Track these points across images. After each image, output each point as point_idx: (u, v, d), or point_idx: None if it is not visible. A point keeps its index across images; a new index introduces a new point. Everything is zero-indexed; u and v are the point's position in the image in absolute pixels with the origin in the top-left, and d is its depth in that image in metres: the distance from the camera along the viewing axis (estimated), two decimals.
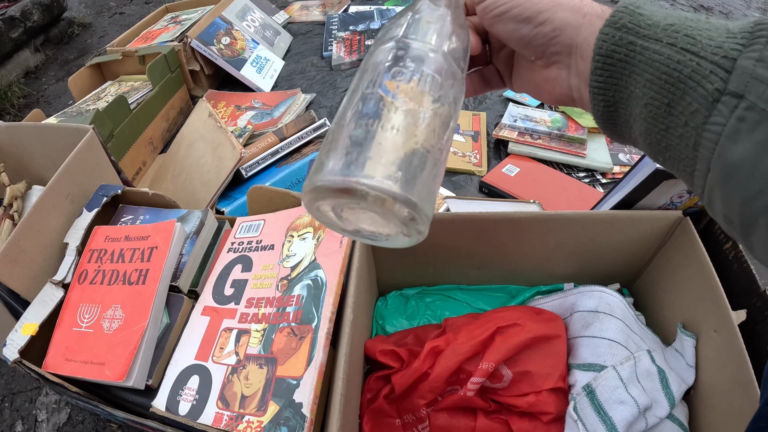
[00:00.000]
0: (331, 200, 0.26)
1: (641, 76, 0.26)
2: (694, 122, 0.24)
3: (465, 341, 0.53)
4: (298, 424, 0.42)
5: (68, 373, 0.55)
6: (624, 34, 0.27)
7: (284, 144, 0.94)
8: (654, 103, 0.26)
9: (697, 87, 0.24)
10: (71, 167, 0.69)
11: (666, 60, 0.25)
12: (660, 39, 0.26)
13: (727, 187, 0.24)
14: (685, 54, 0.25)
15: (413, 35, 0.31)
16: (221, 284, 0.58)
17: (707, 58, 0.24)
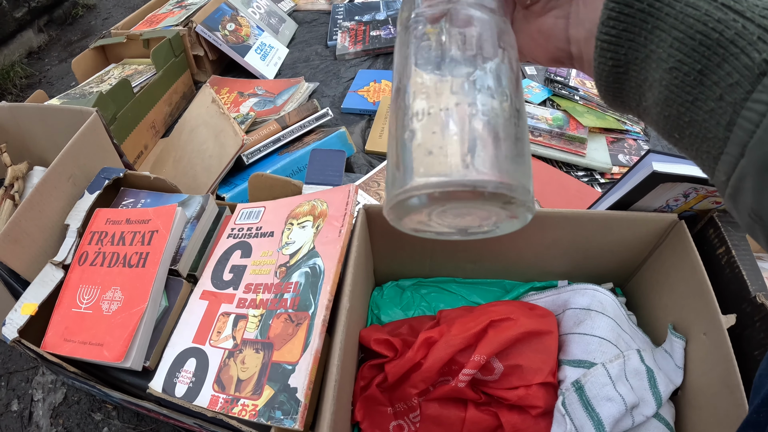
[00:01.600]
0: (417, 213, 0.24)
1: (668, 33, 0.21)
2: (731, 97, 0.20)
3: (458, 333, 0.54)
4: (293, 408, 0.42)
5: (66, 353, 0.56)
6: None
7: (286, 132, 0.95)
8: (682, 69, 0.21)
9: (741, 54, 0.19)
10: (74, 149, 0.70)
11: (703, 17, 0.20)
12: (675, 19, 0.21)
13: (766, 178, 0.19)
14: (728, 12, 0.20)
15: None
16: (220, 269, 0.59)
17: (754, 21, 0.19)
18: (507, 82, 0.25)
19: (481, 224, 0.27)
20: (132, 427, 0.74)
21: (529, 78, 1.28)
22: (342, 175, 0.60)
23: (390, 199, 0.23)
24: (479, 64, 0.25)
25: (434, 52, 0.26)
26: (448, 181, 0.22)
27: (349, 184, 0.56)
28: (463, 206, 0.24)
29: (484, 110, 0.23)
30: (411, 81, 0.25)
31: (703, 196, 0.61)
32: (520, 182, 0.23)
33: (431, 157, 0.22)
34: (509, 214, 0.24)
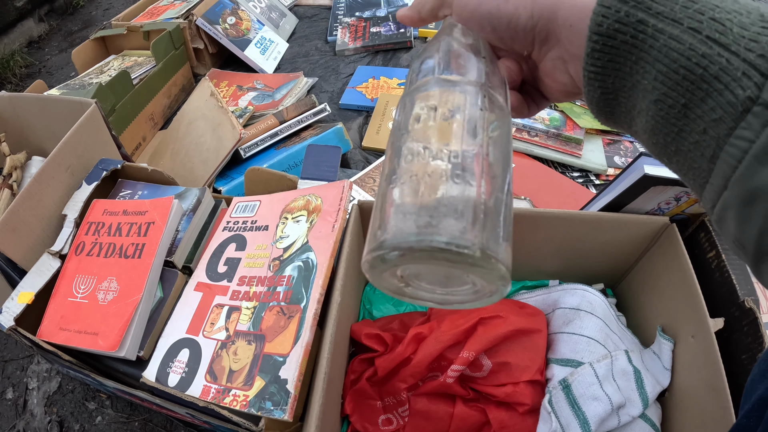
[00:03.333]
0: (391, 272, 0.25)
1: (653, 66, 0.21)
2: (715, 131, 0.20)
3: (448, 329, 0.55)
4: (282, 399, 0.43)
5: (62, 341, 0.57)
6: (631, 8, 0.21)
7: (284, 127, 0.95)
8: (667, 101, 0.21)
9: (725, 90, 0.19)
10: (72, 140, 0.70)
11: (687, 51, 0.20)
12: (680, 21, 0.20)
13: (747, 211, 0.20)
14: (712, 46, 0.20)
15: (447, 71, 0.29)
16: (215, 261, 0.59)
17: (739, 54, 0.19)
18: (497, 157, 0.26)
19: (455, 293, 0.27)
20: (125, 417, 0.75)
21: None
22: (337, 171, 0.61)
23: (365, 254, 0.24)
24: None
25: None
26: (415, 240, 0.22)
27: (344, 180, 0.56)
28: (433, 269, 0.24)
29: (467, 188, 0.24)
30: (403, 145, 0.26)
31: (695, 200, 0.62)
32: (494, 249, 0.22)
33: (407, 216, 0.23)
34: (485, 284, 0.24)
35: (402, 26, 1.44)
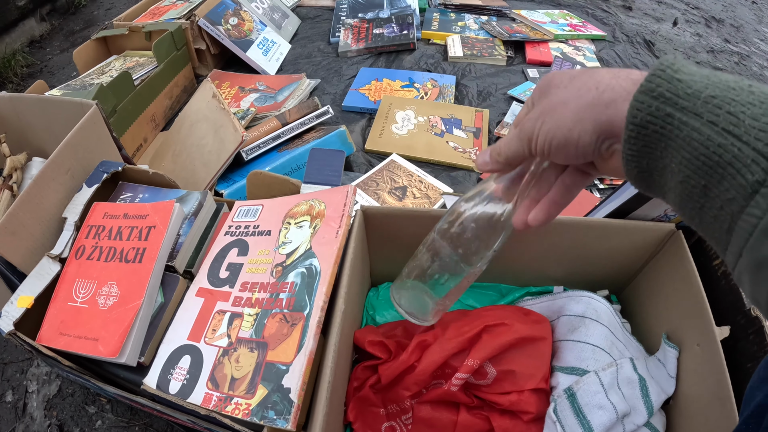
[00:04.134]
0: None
1: (678, 152, 0.25)
2: (729, 209, 0.23)
3: (452, 337, 0.54)
4: (285, 408, 0.43)
5: (62, 347, 0.56)
6: (661, 104, 0.25)
7: (286, 129, 0.95)
8: (690, 182, 0.25)
9: (737, 175, 0.23)
10: (73, 142, 0.69)
11: (706, 141, 0.24)
12: (701, 114, 0.24)
13: (758, 276, 0.23)
14: (727, 137, 0.23)
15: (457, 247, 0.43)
16: (217, 267, 0.59)
17: (750, 144, 0.22)
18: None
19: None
20: (125, 421, 0.74)
21: (530, 81, 1.28)
22: (341, 176, 0.60)
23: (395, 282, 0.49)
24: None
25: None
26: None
27: (348, 185, 0.56)
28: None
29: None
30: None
31: None
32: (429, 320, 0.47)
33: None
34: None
35: (405, 28, 1.43)
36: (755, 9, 2.26)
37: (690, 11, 2.14)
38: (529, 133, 0.33)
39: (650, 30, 1.91)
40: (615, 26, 1.63)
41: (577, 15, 1.64)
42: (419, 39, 1.47)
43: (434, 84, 1.24)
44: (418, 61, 1.37)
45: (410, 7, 1.53)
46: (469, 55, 1.36)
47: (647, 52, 1.52)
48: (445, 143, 1.05)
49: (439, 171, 1.00)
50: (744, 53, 1.86)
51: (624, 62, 1.42)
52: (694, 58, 1.77)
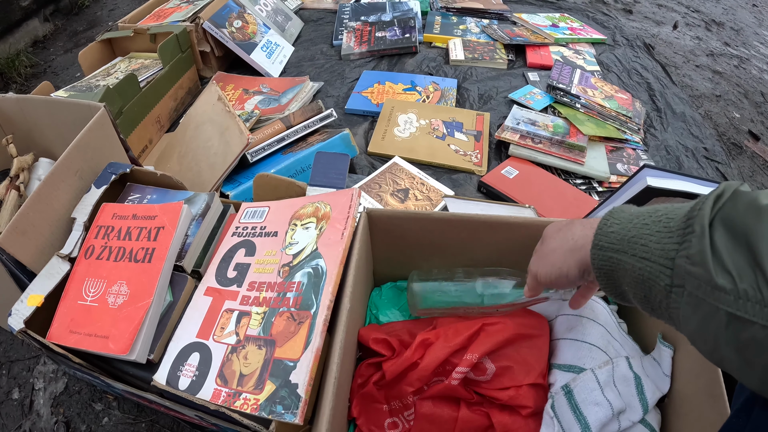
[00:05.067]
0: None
1: (624, 279, 0.37)
2: (663, 305, 0.34)
3: (454, 336, 0.56)
4: (293, 403, 0.44)
5: (72, 344, 0.57)
6: (605, 252, 0.38)
7: (290, 132, 0.96)
8: (638, 295, 0.36)
9: (656, 284, 0.34)
10: (81, 144, 0.71)
11: (633, 268, 0.35)
12: (627, 251, 0.36)
13: (695, 346, 0.33)
14: (644, 262, 0.34)
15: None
16: (224, 267, 0.60)
17: (658, 262, 0.33)
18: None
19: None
20: (132, 418, 0.76)
21: (531, 84, 1.30)
22: (345, 178, 0.62)
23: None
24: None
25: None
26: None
27: (353, 188, 0.57)
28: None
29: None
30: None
31: None
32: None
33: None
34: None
35: (407, 31, 1.45)
36: (756, 12, 2.27)
37: (690, 14, 2.15)
38: (535, 273, 0.50)
39: (650, 33, 1.92)
40: (615, 30, 1.65)
41: (578, 18, 1.66)
42: (421, 42, 1.48)
43: (436, 87, 1.26)
44: (420, 65, 1.38)
45: (412, 11, 1.55)
46: (471, 59, 1.38)
47: (647, 55, 1.53)
48: (446, 146, 1.06)
49: (441, 173, 1.02)
50: (744, 56, 1.88)
51: (624, 65, 1.44)
52: (693, 62, 1.79)
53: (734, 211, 0.31)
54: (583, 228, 0.44)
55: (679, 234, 0.33)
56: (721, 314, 0.29)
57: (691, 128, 1.24)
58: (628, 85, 1.37)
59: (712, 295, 0.30)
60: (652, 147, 1.15)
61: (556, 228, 0.48)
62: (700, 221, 0.31)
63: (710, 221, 0.31)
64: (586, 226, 0.43)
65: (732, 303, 0.29)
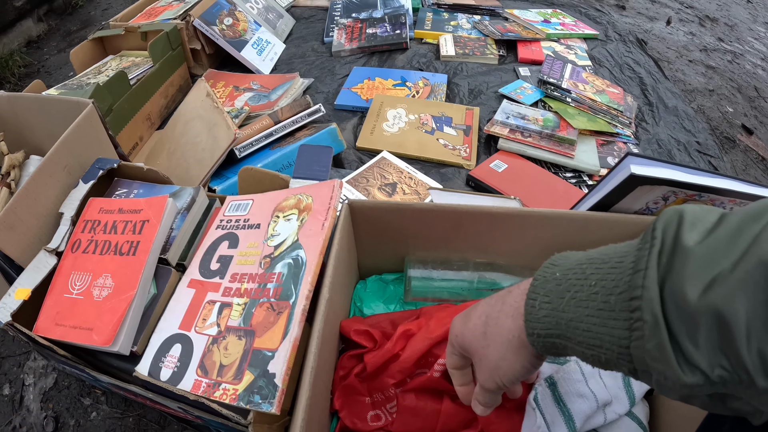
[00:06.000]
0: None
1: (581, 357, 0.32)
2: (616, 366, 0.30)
3: (436, 327, 0.56)
4: (270, 393, 0.44)
5: (58, 337, 0.58)
6: (546, 339, 0.33)
7: (278, 127, 0.96)
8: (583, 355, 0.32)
9: (618, 366, 0.29)
10: (69, 140, 0.71)
11: (585, 354, 0.31)
12: (570, 337, 0.32)
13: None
14: (596, 349, 0.30)
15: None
16: (208, 259, 0.60)
17: (612, 350, 0.29)
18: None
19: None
20: (119, 413, 0.76)
21: (522, 79, 1.30)
22: (328, 171, 0.62)
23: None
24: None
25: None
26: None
27: (334, 179, 0.57)
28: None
29: None
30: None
31: (683, 200, 0.63)
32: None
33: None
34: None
35: (398, 27, 1.45)
36: (750, 8, 2.27)
37: (684, 10, 2.15)
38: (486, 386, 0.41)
39: (643, 29, 1.92)
40: (608, 25, 1.65)
41: (570, 14, 1.66)
42: (412, 38, 1.48)
43: (426, 83, 1.26)
44: (410, 61, 1.38)
45: (403, 7, 1.55)
46: (461, 54, 1.38)
47: (639, 50, 1.53)
48: (435, 140, 1.07)
49: (429, 168, 1.02)
50: (737, 52, 1.88)
51: (616, 60, 1.44)
52: (686, 57, 1.79)
53: (688, 282, 0.25)
54: (510, 319, 0.37)
55: (625, 318, 0.28)
56: (700, 396, 0.26)
57: (683, 122, 1.24)
58: (620, 79, 1.37)
59: (683, 388, 0.26)
60: (644, 141, 1.15)
61: (477, 334, 0.40)
62: (650, 307, 0.26)
63: (661, 304, 0.26)
64: (510, 316, 0.37)
65: (708, 389, 0.25)
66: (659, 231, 0.28)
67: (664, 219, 0.29)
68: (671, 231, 0.27)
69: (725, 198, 0.60)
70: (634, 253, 0.29)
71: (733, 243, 0.25)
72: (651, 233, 0.29)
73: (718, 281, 0.24)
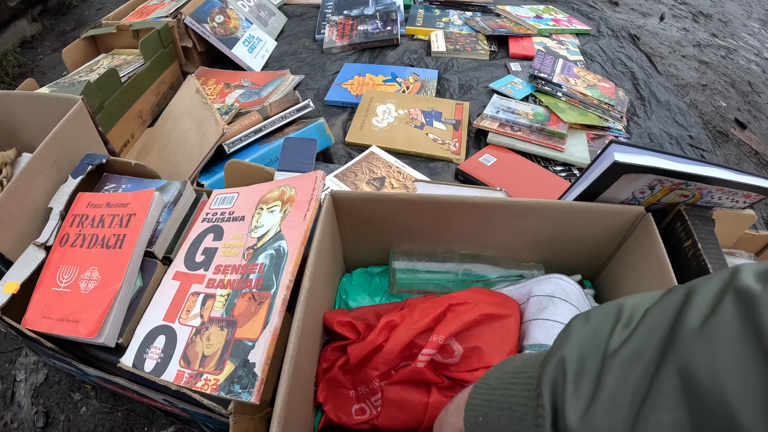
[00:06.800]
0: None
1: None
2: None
3: (419, 318, 0.56)
4: (250, 382, 0.44)
5: (45, 329, 0.58)
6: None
7: (267, 123, 0.96)
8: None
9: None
10: (59, 135, 0.71)
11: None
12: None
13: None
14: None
15: None
16: (193, 251, 0.61)
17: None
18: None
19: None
20: (109, 407, 0.76)
21: (513, 74, 1.30)
22: (312, 163, 0.62)
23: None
24: None
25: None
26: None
27: (317, 171, 0.58)
28: None
29: None
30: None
31: (670, 189, 0.62)
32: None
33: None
34: None
35: (388, 24, 1.45)
36: (744, 4, 2.27)
37: (677, 6, 2.16)
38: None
39: (636, 25, 1.93)
40: (600, 21, 1.65)
41: (563, 10, 1.66)
42: (403, 35, 1.49)
43: (416, 78, 1.26)
44: (401, 57, 1.39)
45: (395, 4, 1.55)
46: (452, 50, 1.38)
47: (632, 45, 1.54)
48: (424, 135, 1.07)
49: (418, 162, 1.02)
50: (731, 47, 1.88)
51: (608, 55, 1.44)
52: (679, 52, 1.79)
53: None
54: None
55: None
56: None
57: (675, 116, 1.24)
58: (611, 74, 1.37)
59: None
60: (635, 135, 1.16)
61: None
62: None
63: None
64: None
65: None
66: (547, 398, 0.28)
67: (549, 378, 0.28)
68: (558, 398, 0.27)
69: (712, 186, 0.60)
70: (532, 416, 0.29)
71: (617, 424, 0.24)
72: (539, 398, 0.28)
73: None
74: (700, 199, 0.62)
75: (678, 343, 0.22)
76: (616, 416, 0.24)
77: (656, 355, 0.23)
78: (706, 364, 0.20)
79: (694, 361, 0.21)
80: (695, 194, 0.62)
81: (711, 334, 0.21)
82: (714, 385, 0.20)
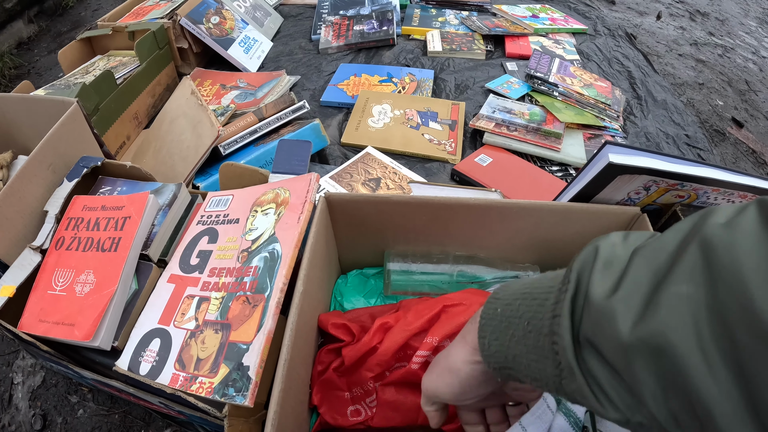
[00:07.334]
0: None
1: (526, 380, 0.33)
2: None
3: (413, 319, 0.56)
4: (244, 385, 0.45)
5: (41, 333, 0.58)
6: (501, 371, 0.34)
7: (263, 124, 0.96)
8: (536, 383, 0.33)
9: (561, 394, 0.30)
10: (54, 138, 0.71)
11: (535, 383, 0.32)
12: (518, 370, 0.33)
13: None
14: (538, 382, 0.31)
15: None
16: (188, 254, 0.61)
17: (550, 385, 0.30)
18: None
19: None
20: (105, 410, 0.76)
21: (509, 74, 1.30)
22: (307, 165, 0.62)
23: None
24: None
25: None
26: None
27: (311, 173, 0.58)
28: None
29: None
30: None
31: (665, 189, 0.63)
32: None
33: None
34: None
35: (384, 24, 1.45)
36: (741, 3, 2.27)
37: (674, 5, 2.16)
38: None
39: (633, 24, 1.93)
40: (597, 20, 1.65)
41: (559, 9, 1.66)
42: (399, 35, 1.48)
43: (412, 78, 1.26)
44: (397, 57, 1.38)
45: (390, 4, 1.55)
46: (449, 50, 1.38)
47: (628, 44, 1.54)
48: (420, 135, 1.07)
49: (414, 163, 1.02)
50: (728, 46, 1.88)
51: (604, 54, 1.44)
52: (676, 51, 1.80)
53: (599, 337, 0.26)
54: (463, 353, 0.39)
55: (552, 359, 0.29)
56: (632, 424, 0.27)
57: (672, 115, 1.24)
58: (608, 73, 1.37)
59: (613, 421, 0.27)
60: (632, 134, 1.16)
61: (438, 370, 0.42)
62: (564, 355, 0.28)
63: (575, 351, 0.28)
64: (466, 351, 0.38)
65: (635, 426, 0.26)
66: (574, 274, 0.29)
67: (581, 259, 0.29)
68: (585, 275, 0.28)
69: (708, 187, 0.60)
70: (555, 294, 0.30)
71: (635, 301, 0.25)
72: (567, 275, 0.30)
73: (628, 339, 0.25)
74: (696, 200, 0.63)
75: (702, 230, 0.24)
76: (635, 293, 0.25)
77: (679, 246, 0.25)
78: (725, 243, 0.22)
79: (714, 241, 0.23)
80: (691, 195, 0.62)
81: (734, 226, 0.23)
82: (731, 260, 0.22)
